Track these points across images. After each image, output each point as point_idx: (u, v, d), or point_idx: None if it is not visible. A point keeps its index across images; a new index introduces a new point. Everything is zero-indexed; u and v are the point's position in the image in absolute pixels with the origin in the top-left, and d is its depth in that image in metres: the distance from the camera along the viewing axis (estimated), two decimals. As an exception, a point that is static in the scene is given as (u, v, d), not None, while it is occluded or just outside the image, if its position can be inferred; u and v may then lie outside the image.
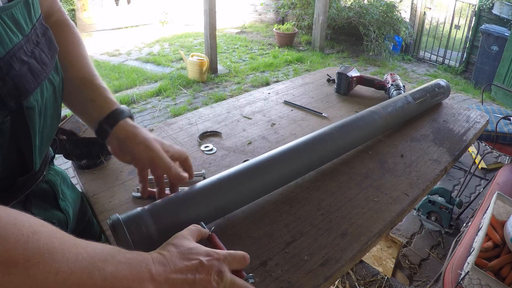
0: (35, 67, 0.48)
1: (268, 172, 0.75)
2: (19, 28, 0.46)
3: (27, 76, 0.46)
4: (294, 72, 4.71)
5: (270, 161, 0.76)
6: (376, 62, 5.32)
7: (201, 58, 4.15)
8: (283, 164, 0.78)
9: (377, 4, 5.52)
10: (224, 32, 6.54)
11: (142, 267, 0.43)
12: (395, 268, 1.60)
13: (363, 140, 1.00)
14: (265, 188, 0.76)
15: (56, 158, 2.87)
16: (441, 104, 1.35)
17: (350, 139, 0.93)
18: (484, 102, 3.31)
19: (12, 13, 0.45)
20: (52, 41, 0.56)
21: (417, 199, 0.86)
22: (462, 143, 1.10)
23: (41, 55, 0.51)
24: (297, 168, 0.81)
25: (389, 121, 1.04)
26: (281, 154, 0.79)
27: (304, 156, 0.82)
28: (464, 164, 2.78)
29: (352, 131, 0.94)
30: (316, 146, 0.84)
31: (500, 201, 1.34)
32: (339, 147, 0.91)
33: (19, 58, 0.45)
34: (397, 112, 1.08)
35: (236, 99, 1.34)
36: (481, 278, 1.01)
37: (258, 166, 0.75)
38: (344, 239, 0.72)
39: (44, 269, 0.34)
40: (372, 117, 1.00)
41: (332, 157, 0.91)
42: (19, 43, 0.45)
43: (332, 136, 0.88)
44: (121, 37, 6.09)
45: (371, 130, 0.99)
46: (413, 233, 2.09)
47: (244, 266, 0.53)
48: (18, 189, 0.53)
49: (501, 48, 4.04)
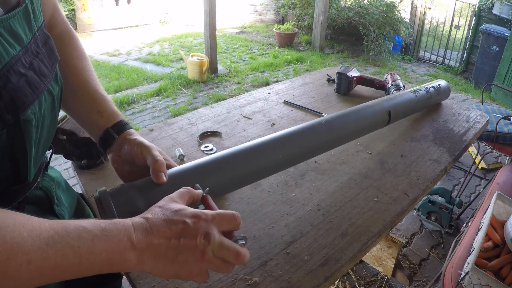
0: (33, 80, 0.47)
1: (263, 155, 0.72)
2: (17, 39, 0.45)
3: (24, 89, 0.45)
4: (294, 72, 4.71)
5: (265, 144, 0.74)
6: (376, 62, 5.32)
7: (201, 58, 4.15)
8: (278, 149, 0.74)
9: (377, 4, 5.52)
10: (224, 32, 6.54)
11: (121, 236, 0.41)
12: (395, 268, 1.60)
13: (363, 129, 0.95)
14: (260, 170, 0.72)
15: (56, 158, 2.84)
16: (441, 104, 1.35)
17: (350, 126, 0.90)
18: (484, 102, 3.31)
19: (10, 24, 0.44)
20: (53, 50, 0.56)
21: (417, 199, 0.86)
22: (462, 143, 1.10)
23: (40, 66, 0.50)
24: (294, 153, 0.77)
25: (390, 114, 1.01)
26: (276, 139, 0.76)
27: (300, 141, 0.78)
28: (464, 164, 2.78)
29: (353, 119, 0.90)
30: (312, 132, 0.81)
31: (500, 201, 1.34)
32: (338, 135, 0.87)
33: (16, 71, 0.44)
34: (397, 106, 1.04)
35: (236, 99, 1.34)
36: (481, 278, 1.01)
37: (253, 147, 0.72)
38: (344, 239, 0.72)
39: (15, 263, 0.34)
40: (372, 108, 0.97)
41: (330, 144, 0.87)
42: (17, 55, 0.44)
43: (330, 123, 0.85)
44: (121, 37, 6.08)
45: (371, 121, 0.96)
46: (413, 233, 2.09)
47: (235, 227, 0.48)
48: (10, 196, 0.52)
49: (501, 48, 4.04)
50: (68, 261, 0.37)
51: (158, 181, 0.56)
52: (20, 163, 0.49)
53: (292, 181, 0.89)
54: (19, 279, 0.35)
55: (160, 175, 0.56)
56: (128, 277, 0.63)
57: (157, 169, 0.57)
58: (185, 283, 0.61)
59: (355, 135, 0.95)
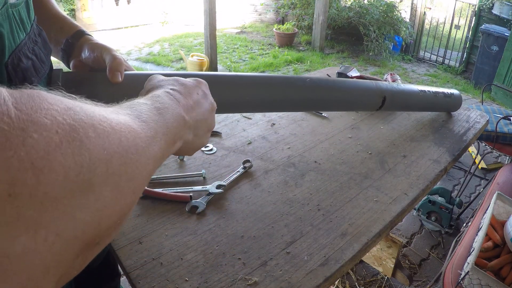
0: (37, 64, 0.50)
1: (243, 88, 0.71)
2: (24, 26, 0.48)
3: (32, 71, 0.48)
4: (294, 72, 4.70)
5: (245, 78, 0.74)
6: (376, 62, 5.32)
7: (201, 58, 4.15)
8: (258, 87, 0.74)
9: (377, 4, 5.52)
10: (224, 32, 6.54)
11: (176, 112, 0.39)
12: (395, 268, 1.60)
13: (348, 103, 0.93)
14: (230, 103, 0.71)
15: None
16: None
17: (335, 94, 0.88)
18: (484, 102, 3.31)
19: (19, 10, 0.47)
20: (46, 42, 0.58)
21: (417, 199, 0.86)
22: (462, 143, 1.10)
23: (40, 53, 0.53)
24: (272, 98, 0.76)
25: (385, 99, 0.97)
26: (258, 78, 0.76)
27: (280, 90, 0.77)
28: (464, 164, 2.78)
29: (340, 87, 0.88)
30: (293, 86, 0.80)
31: (500, 201, 1.34)
32: (320, 96, 0.85)
33: (25, 54, 0.47)
34: (396, 94, 1.00)
35: (236, 99, 1.34)
36: (481, 278, 1.01)
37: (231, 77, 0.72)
38: (344, 239, 0.72)
39: (154, 143, 0.31)
40: (366, 85, 0.94)
41: (311, 104, 0.85)
42: (24, 39, 0.47)
43: (314, 82, 0.83)
44: (121, 37, 6.08)
45: (360, 98, 0.93)
46: (413, 233, 2.08)
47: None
48: None
49: (501, 48, 4.04)
50: (175, 128, 0.37)
51: (113, 79, 0.55)
52: None
53: (292, 181, 0.89)
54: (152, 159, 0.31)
55: (116, 74, 0.55)
56: (128, 277, 0.63)
57: (114, 68, 0.56)
58: (185, 283, 0.61)
59: (338, 106, 0.92)
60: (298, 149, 1.02)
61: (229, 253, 0.67)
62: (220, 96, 0.60)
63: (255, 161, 0.96)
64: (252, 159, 0.95)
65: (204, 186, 0.84)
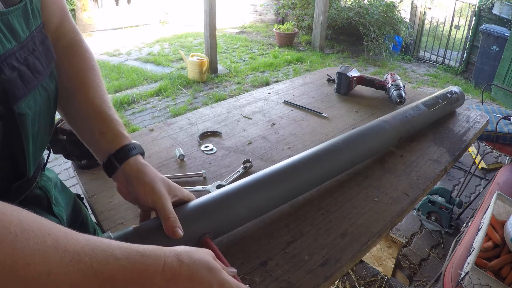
0: (26, 74, 0.48)
1: (271, 187, 0.71)
2: (14, 34, 0.46)
3: (16, 82, 0.46)
4: (294, 72, 4.70)
5: (276, 175, 0.73)
6: (376, 62, 5.32)
7: (201, 58, 4.15)
8: (291, 177, 0.74)
9: (377, 4, 5.52)
10: (224, 32, 6.54)
11: (150, 271, 0.40)
12: (395, 268, 1.60)
13: (373, 152, 0.96)
14: (267, 205, 0.72)
15: (56, 158, 2.85)
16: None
17: (360, 151, 0.89)
18: (484, 102, 3.31)
19: (8, 19, 0.45)
20: (50, 50, 0.56)
21: (417, 199, 0.86)
22: (462, 143, 1.10)
23: (35, 63, 0.50)
24: (303, 183, 0.77)
25: (401, 130, 1.00)
26: (289, 167, 0.75)
27: (310, 170, 0.78)
28: (464, 164, 2.78)
29: (362, 142, 0.90)
30: (323, 159, 0.80)
31: (500, 201, 1.34)
32: (349, 161, 0.86)
33: (9, 64, 0.45)
34: (409, 121, 1.03)
35: (236, 99, 1.34)
36: (481, 278, 1.01)
37: (260, 181, 0.71)
38: (344, 239, 0.72)
39: (35, 271, 0.33)
40: (382, 126, 0.96)
41: (341, 171, 0.87)
42: (12, 49, 0.45)
43: (340, 149, 0.84)
44: (121, 37, 6.08)
45: (382, 141, 0.95)
46: (413, 233, 2.08)
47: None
48: (11, 195, 0.52)
49: (501, 48, 4.04)
50: (87, 283, 0.36)
51: (175, 236, 0.55)
52: (19, 158, 0.50)
53: (292, 181, 0.89)
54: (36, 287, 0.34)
55: (176, 230, 0.56)
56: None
57: (171, 228, 0.56)
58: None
59: (364, 158, 0.94)
60: (298, 149, 1.02)
61: (229, 253, 0.67)
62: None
63: (255, 161, 0.96)
64: (252, 159, 0.95)
65: (204, 186, 0.85)
